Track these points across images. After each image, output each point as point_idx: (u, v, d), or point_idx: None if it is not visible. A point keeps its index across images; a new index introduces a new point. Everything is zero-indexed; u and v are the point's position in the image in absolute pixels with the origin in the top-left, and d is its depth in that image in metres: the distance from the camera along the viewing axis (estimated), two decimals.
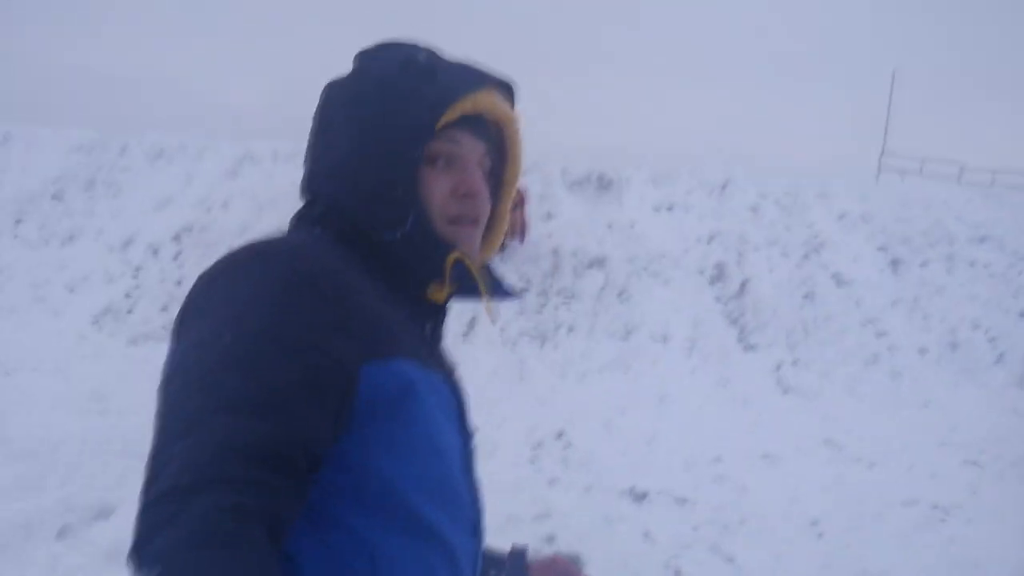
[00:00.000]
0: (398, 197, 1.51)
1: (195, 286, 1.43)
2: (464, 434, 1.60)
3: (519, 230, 18.49)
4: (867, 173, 32.48)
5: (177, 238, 16.84)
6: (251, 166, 21.35)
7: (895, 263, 20.22)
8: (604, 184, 24.03)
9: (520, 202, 18.41)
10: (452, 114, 1.54)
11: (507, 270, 17.68)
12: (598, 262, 19.00)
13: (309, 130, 1.63)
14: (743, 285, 18.93)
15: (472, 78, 1.61)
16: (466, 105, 1.56)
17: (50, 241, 17.29)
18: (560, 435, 10.41)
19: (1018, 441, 11.85)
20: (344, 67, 1.66)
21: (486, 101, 1.59)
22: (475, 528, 1.58)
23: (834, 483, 9.65)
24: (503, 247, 18.72)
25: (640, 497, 8.62)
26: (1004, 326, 17.66)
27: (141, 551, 1.18)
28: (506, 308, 16.40)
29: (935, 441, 11.81)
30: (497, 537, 2.00)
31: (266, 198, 18.95)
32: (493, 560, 1.79)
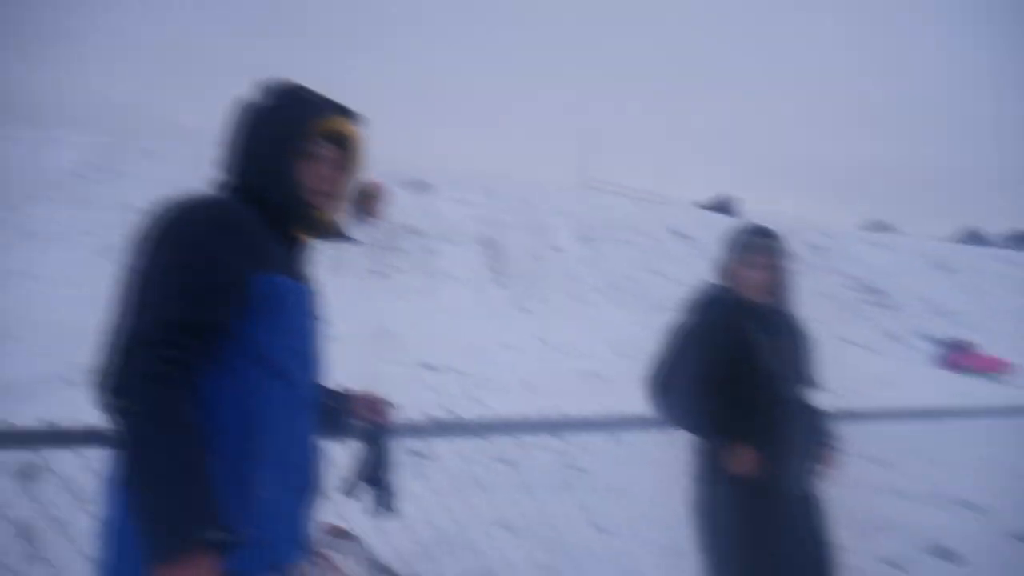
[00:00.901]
0: (282, 178, 1.59)
1: (161, 219, 1.46)
2: (316, 322, 1.63)
3: (376, 211, 19.80)
4: (573, 188, 35.26)
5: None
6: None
7: (586, 239, 22.62)
8: (423, 185, 25.39)
9: (378, 193, 19.53)
10: (314, 130, 1.60)
11: (362, 233, 18.83)
12: (418, 231, 20.42)
13: (230, 133, 1.62)
14: (501, 248, 20.78)
15: (329, 108, 1.64)
16: (324, 125, 1.62)
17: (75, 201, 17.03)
18: (387, 331, 11.05)
19: (647, 340, 13.88)
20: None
21: (337, 124, 1.63)
22: (317, 376, 1.63)
23: (543, 362, 10.71)
24: (367, 220, 19.44)
25: (432, 369, 9.37)
26: (643, 278, 20.35)
27: (116, 383, 1.32)
28: (360, 254, 17.54)
29: (601, 340, 13.18)
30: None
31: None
32: (331, 395, 1.77)
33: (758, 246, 2.71)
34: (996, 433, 4.35)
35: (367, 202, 20.19)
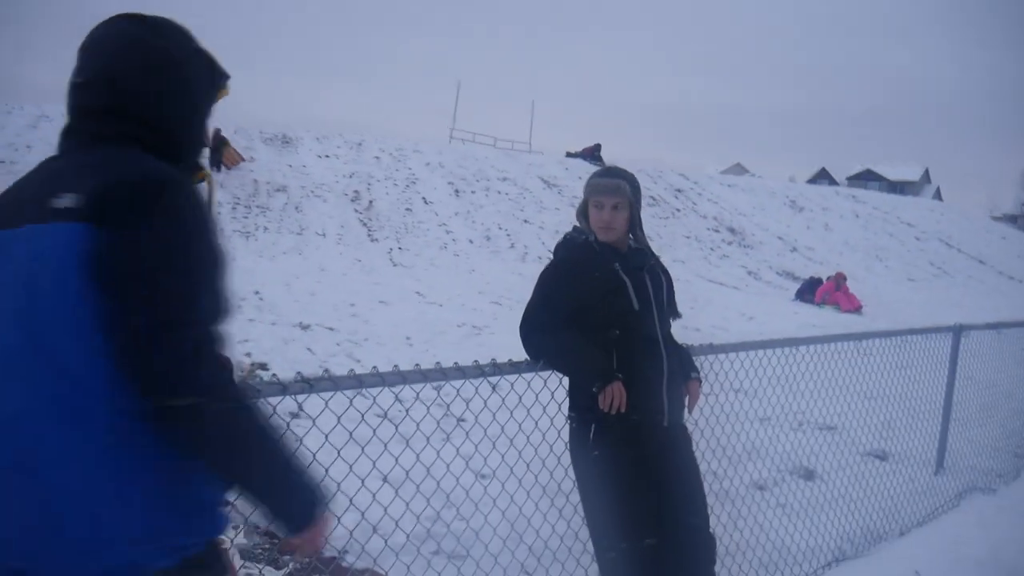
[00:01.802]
0: (199, 139, 1.54)
1: (140, 187, 1.27)
2: None
3: (228, 159, 19.73)
4: (443, 140, 35.30)
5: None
6: (47, 123, 20.06)
7: (457, 191, 22.66)
8: (287, 140, 24.44)
9: (225, 141, 19.38)
10: (218, 97, 1.55)
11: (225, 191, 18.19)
12: (283, 188, 19.79)
13: (121, 69, 1.40)
14: (370, 203, 20.45)
15: (225, 76, 1.57)
16: (222, 93, 1.56)
17: None
18: (257, 293, 10.78)
19: (519, 290, 13.79)
20: None
21: (226, 92, 1.58)
22: None
23: (419, 316, 10.66)
24: (221, 169, 19.37)
25: (306, 327, 9.17)
26: (514, 227, 20.57)
27: (172, 382, 1.20)
28: (223, 214, 16.86)
29: (476, 291, 13.36)
30: None
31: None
32: None
33: (604, 187, 2.77)
34: (848, 359, 4.63)
35: (219, 151, 19.66)
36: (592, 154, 29.74)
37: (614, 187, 2.77)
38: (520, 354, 2.82)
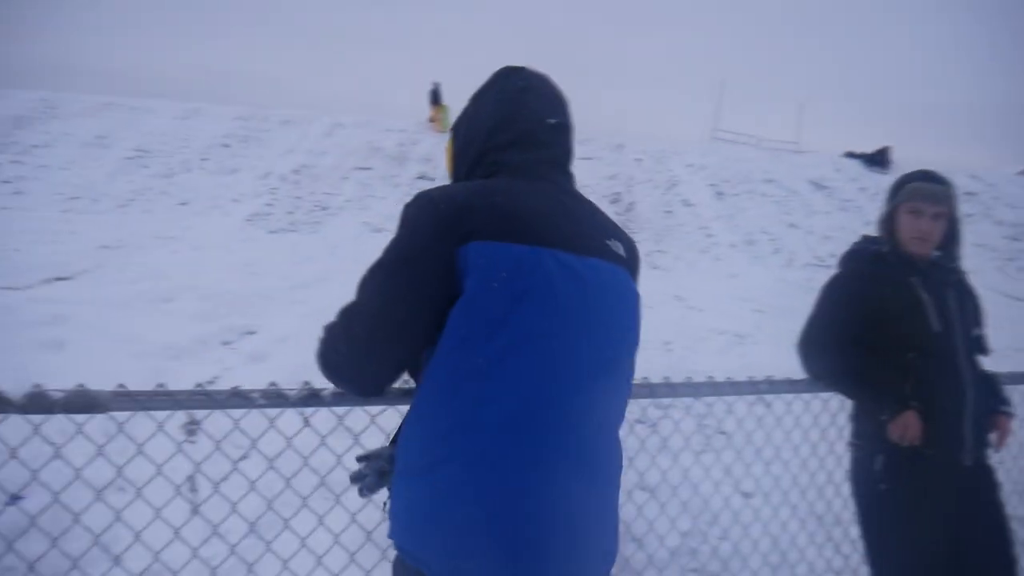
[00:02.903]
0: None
1: (637, 250, 1.64)
2: None
3: None
4: (705, 141, 34.59)
5: (296, 171, 17.91)
6: (340, 130, 22.50)
7: (719, 193, 22.08)
8: None
9: None
10: None
11: None
12: None
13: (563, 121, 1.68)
14: (631, 205, 20.55)
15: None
16: None
17: (222, 172, 18.23)
18: None
19: (784, 298, 12.26)
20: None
21: None
22: None
23: (679, 320, 10.45)
24: None
25: None
26: (779, 231, 19.61)
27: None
28: None
29: (737, 297, 12.78)
30: None
31: (350, 149, 20.27)
32: None
33: (926, 193, 2.48)
34: None
35: None
36: (878, 157, 27.30)
37: (940, 194, 2.49)
38: (790, 369, 2.65)
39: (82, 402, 1.67)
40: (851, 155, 27.73)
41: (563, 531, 1.32)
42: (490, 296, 1.33)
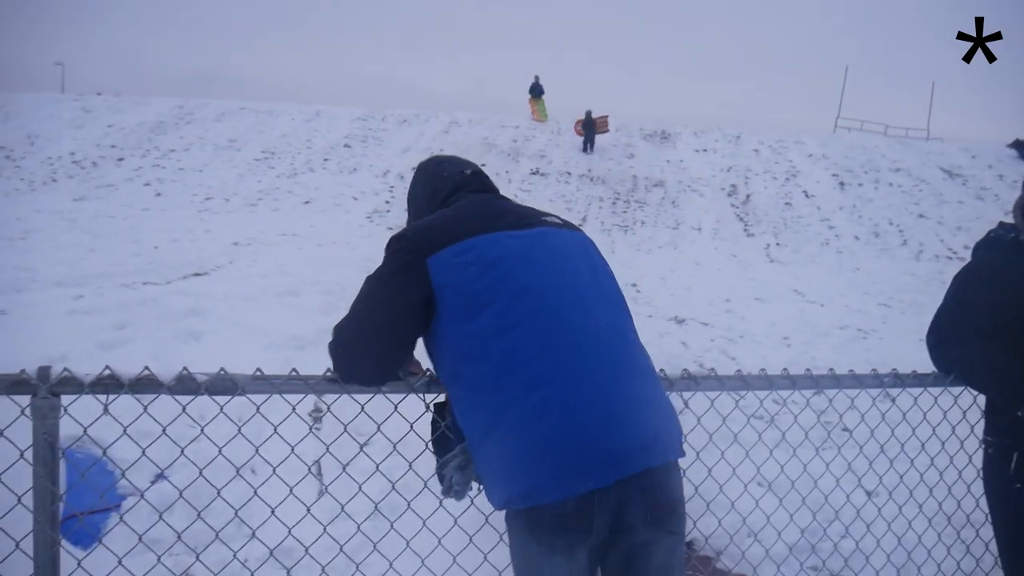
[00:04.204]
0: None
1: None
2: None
3: (600, 130, 22.00)
4: (827, 130, 33.17)
5: (413, 169, 18.28)
6: (456, 128, 23.16)
7: (841, 184, 21.22)
8: (665, 136, 25.06)
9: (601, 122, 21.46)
10: None
11: (605, 186, 19.39)
12: (660, 183, 20.25)
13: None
14: (748, 197, 20.06)
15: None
16: None
17: (343, 171, 19.05)
18: (634, 285, 11.03)
19: (912, 292, 12.28)
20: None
21: None
22: None
23: (798, 315, 10.19)
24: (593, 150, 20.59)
25: (680, 322, 9.24)
26: (907, 222, 18.68)
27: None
28: (602, 209, 17.93)
29: (861, 291, 12.39)
30: None
31: (465, 146, 20.74)
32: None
33: None
34: None
35: (591, 129, 21.06)
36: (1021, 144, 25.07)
37: None
38: (919, 365, 2.55)
39: (224, 385, 1.79)
40: (1019, 144, 24.94)
41: (608, 415, 1.62)
42: (470, 279, 1.67)
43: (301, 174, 18.56)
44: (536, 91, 26.48)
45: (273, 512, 2.05)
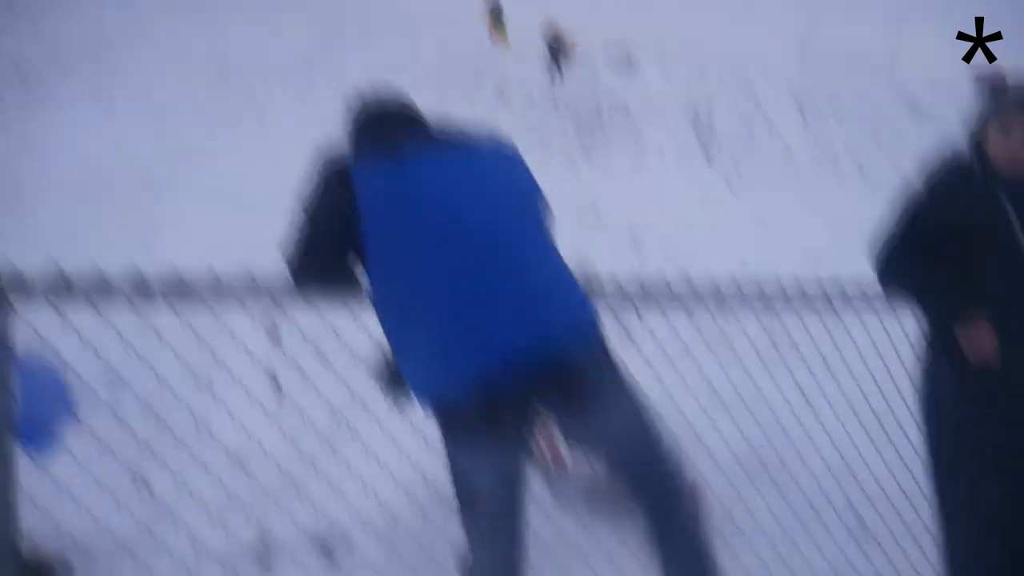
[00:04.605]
0: None
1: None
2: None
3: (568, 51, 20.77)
4: (792, 59, 32.11)
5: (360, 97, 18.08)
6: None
7: (805, 114, 21.24)
8: (629, 62, 24.26)
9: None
10: None
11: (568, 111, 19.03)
12: (623, 109, 19.93)
13: None
14: (711, 125, 19.98)
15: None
16: None
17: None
18: (595, 210, 11.16)
19: (868, 221, 12.94)
20: None
21: None
22: None
23: (756, 241, 10.39)
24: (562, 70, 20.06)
25: (640, 244, 9.34)
26: (867, 153, 18.81)
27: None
28: (565, 135, 17.62)
29: (819, 220, 12.33)
30: None
31: (425, 68, 20.05)
32: None
33: (1017, 110, 2.38)
34: None
35: (557, 50, 20.49)
36: (997, 84, 24.74)
37: None
38: (871, 289, 2.63)
39: (179, 288, 1.79)
40: (981, 77, 24.34)
41: (506, 310, 1.75)
42: (371, 198, 1.79)
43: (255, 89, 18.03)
44: (495, 9, 25.43)
45: (233, 417, 2.07)
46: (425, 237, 1.77)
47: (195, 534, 2.26)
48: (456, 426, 1.77)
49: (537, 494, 2.05)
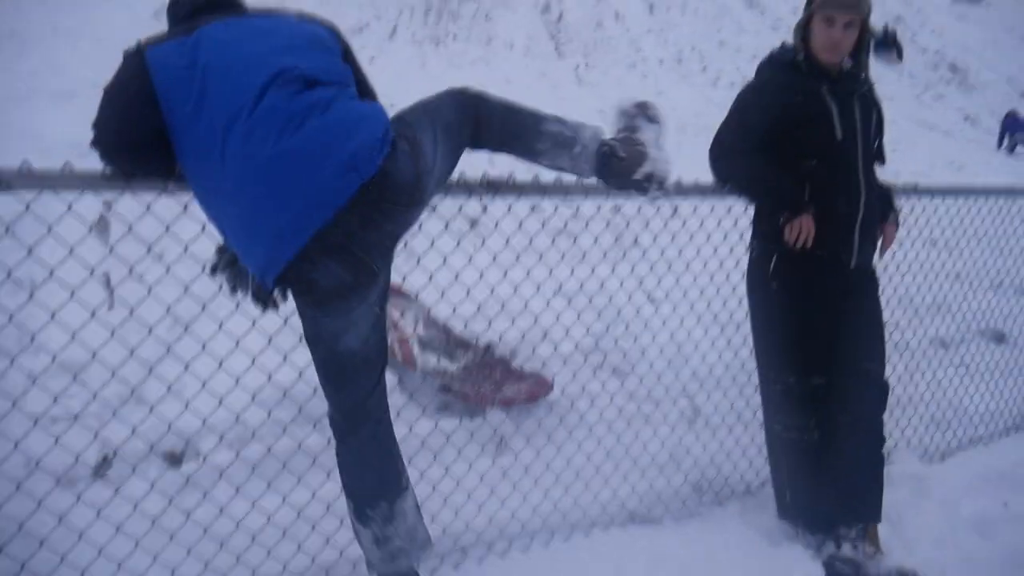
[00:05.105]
0: None
1: None
2: None
3: None
4: None
5: None
6: None
7: (651, 7, 21.43)
8: None
9: None
10: None
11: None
12: None
13: None
14: (560, 15, 19.83)
15: None
16: None
17: None
18: None
19: (707, 116, 12.07)
20: None
21: None
22: None
23: None
24: None
25: None
26: (708, 49, 19.36)
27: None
28: (413, 19, 17.00)
29: (666, 114, 13.63)
30: None
31: None
32: None
33: (839, 1, 2.51)
34: None
35: None
36: None
37: (852, 3, 2.51)
38: (706, 179, 2.74)
39: None
40: None
41: (312, 154, 1.70)
42: (177, 62, 1.74)
43: None
44: None
45: (53, 316, 1.95)
46: (215, 106, 1.69)
47: (28, 452, 2.13)
48: (308, 290, 1.76)
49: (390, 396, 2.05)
